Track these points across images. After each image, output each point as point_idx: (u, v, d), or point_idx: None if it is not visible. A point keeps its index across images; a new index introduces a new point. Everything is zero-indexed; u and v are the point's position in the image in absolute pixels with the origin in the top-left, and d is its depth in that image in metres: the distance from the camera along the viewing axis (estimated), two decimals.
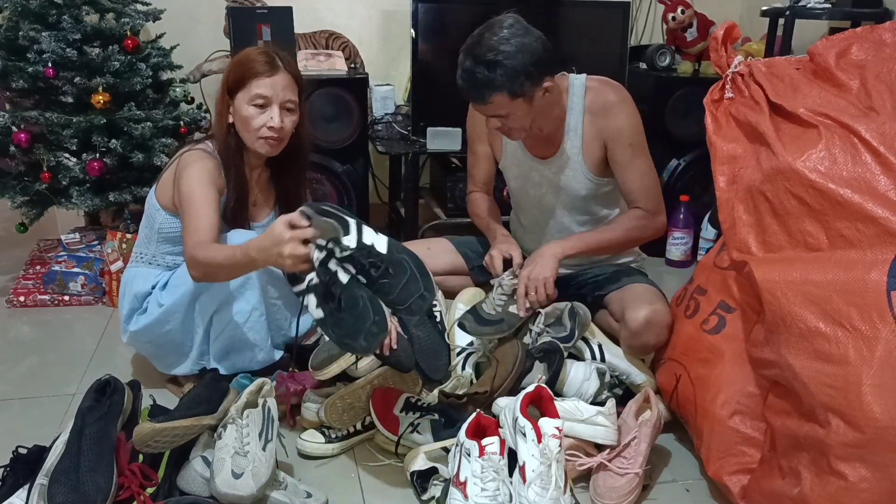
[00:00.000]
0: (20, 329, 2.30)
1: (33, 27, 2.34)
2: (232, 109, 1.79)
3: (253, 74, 1.74)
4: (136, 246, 1.91)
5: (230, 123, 1.79)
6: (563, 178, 1.94)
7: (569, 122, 1.88)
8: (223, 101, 1.80)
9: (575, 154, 1.90)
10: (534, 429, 1.44)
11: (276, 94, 1.76)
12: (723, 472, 1.51)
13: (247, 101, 1.75)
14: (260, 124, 1.76)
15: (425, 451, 1.57)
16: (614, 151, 1.87)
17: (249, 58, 1.77)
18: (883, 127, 1.37)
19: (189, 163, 1.76)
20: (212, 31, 2.93)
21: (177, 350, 1.84)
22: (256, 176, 1.90)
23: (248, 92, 1.75)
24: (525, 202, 2.07)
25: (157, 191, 1.85)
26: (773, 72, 1.57)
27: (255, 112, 1.75)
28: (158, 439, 1.47)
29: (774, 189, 1.44)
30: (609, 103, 1.85)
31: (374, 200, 3.11)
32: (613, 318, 1.95)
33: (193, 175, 1.74)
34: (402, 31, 3.03)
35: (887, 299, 1.25)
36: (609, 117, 1.85)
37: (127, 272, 1.91)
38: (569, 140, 1.90)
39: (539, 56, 1.70)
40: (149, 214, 1.87)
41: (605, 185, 1.96)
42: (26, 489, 1.43)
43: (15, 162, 2.44)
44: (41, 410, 1.84)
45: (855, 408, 1.23)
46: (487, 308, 1.87)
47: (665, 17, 3.01)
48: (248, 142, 1.80)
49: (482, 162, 2.09)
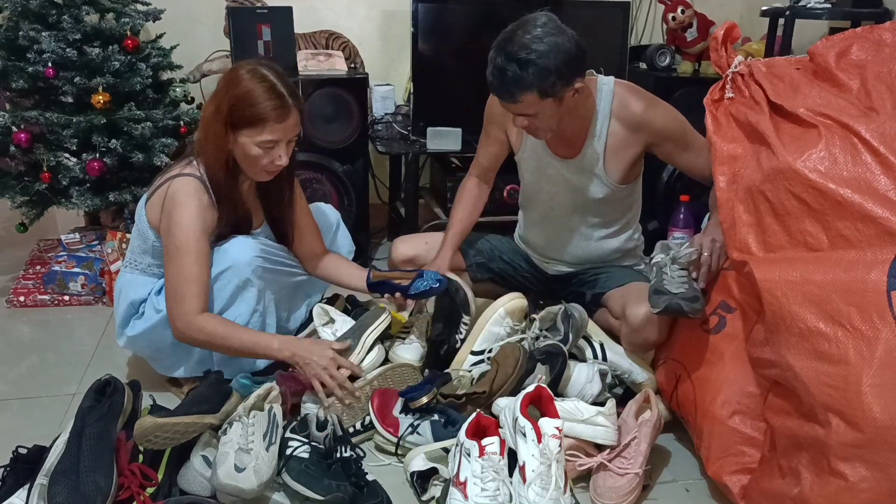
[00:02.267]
0: (20, 329, 2.30)
1: (33, 27, 2.34)
2: (232, 140, 1.70)
3: (265, 119, 1.66)
4: (130, 253, 1.88)
5: (229, 150, 1.72)
6: (581, 180, 1.93)
7: (594, 126, 1.87)
8: (221, 132, 1.69)
9: (596, 158, 1.89)
10: (534, 429, 1.45)
11: (286, 135, 1.71)
12: (723, 471, 1.51)
13: (255, 142, 1.68)
14: (267, 162, 1.72)
15: (425, 452, 1.57)
16: (668, 146, 1.88)
17: (259, 99, 1.65)
18: (883, 127, 1.37)
19: (180, 201, 1.70)
20: (212, 31, 2.94)
21: (176, 353, 1.84)
22: (246, 188, 1.86)
23: (257, 134, 1.67)
24: (537, 197, 2.06)
25: (147, 212, 1.78)
26: (773, 72, 1.57)
27: (262, 153, 1.70)
28: (159, 434, 1.47)
29: (774, 189, 1.44)
30: (640, 110, 1.85)
31: (374, 200, 3.11)
32: (613, 316, 1.95)
33: (184, 223, 1.69)
34: (402, 31, 3.03)
35: (887, 299, 1.25)
36: (645, 123, 1.85)
37: (121, 277, 1.88)
38: (592, 143, 1.88)
39: (571, 56, 1.68)
40: (141, 231, 1.81)
41: (621, 191, 1.96)
42: (26, 489, 1.43)
43: (15, 162, 2.44)
44: (41, 410, 1.84)
45: (855, 408, 1.23)
46: (673, 287, 1.66)
47: (665, 17, 3.01)
48: (248, 172, 1.76)
49: (492, 146, 2.07)
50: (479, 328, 1.90)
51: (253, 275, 1.77)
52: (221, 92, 1.70)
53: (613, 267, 2.06)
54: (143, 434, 1.46)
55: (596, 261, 2.07)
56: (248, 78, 1.68)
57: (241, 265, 1.76)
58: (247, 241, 1.79)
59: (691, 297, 1.62)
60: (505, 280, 2.16)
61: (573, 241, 2.05)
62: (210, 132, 1.71)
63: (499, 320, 1.89)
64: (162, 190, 1.75)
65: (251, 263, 1.76)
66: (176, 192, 1.71)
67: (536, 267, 2.16)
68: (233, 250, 1.77)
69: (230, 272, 1.75)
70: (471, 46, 2.87)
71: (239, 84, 1.67)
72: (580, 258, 2.07)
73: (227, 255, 1.76)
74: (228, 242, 1.78)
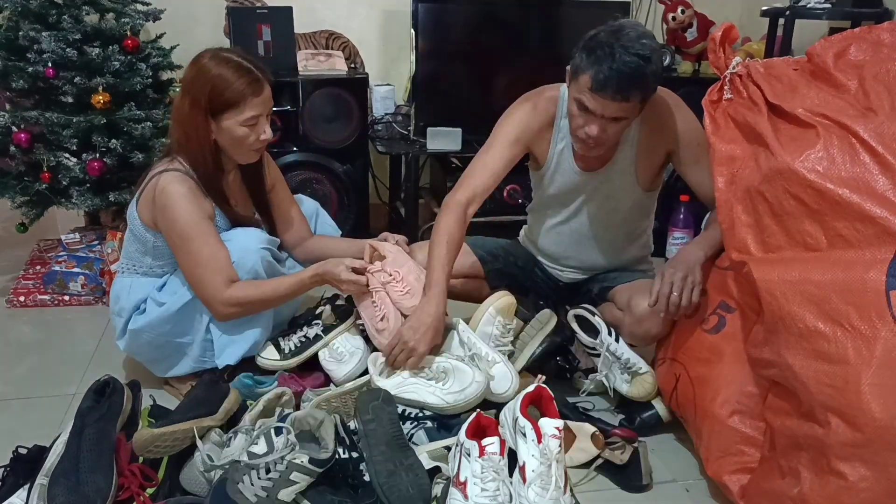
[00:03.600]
0: (20, 329, 2.30)
1: (33, 27, 2.34)
2: (215, 129, 1.73)
3: (243, 96, 1.70)
4: (126, 257, 1.87)
5: (213, 141, 1.75)
6: (610, 188, 1.92)
7: (626, 132, 1.83)
8: (203, 123, 1.71)
9: (628, 164, 1.88)
10: (534, 429, 1.45)
11: (266, 108, 1.75)
12: (722, 471, 1.51)
13: (240, 122, 1.72)
14: (253, 139, 1.75)
15: (428, 451, 1.57)
16: (682, 154, 1.85)
17: (231, 80, 1.69)
18: (881, 127, 1.37)
19: (171, 193, 1.71)
20: (212, 31, 2.93)
21: (176, 349, 1.84)
22: (231, 180, 1.87)
23: (240, 114, 1.71)
24: (559, 207, 2.01)
25: (139, 214, 1.79)
26: (771, 72, 1.57)
27: (247, 131, 1.73)
28: (159, 444, 1.47)
29: (773, 189, 1.44)
30: (665, 112, 1.83)
31: (374, 200, 3.11)
32: (618, 307, 1.94)
33: (181, 211, 1.71)
34: (402, 31, 3.03)
35: (886, 299, 1.25)
36: (668, 125, 1.83)
37: (119, 281, 1.87)
38: (623, 150, 1.87)
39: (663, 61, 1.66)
40: (138, 234, 1.81)
41: (647, 198, 1.96)
42: (26, 489, 1.43)
43: (15, 162, 2.44)
44: (41, 410, 1.84)
45: (854, 407, 1.23)
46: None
47: (665, 17, 3.01)
48: (236, 156, 1.79)
49: (498, 166, 1.86)
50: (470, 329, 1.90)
51: (260, 264, 1.78)
52: (190, 85, 1.72)
53: (627, 271, 2.06)
54: (143, 446, 1.46)
55: (610, 267, 2.07)
56: (213, 65, 1.70)
57: (251, 252, 1.78)
58: (249, 231, 1.81)
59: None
60: (520, 286, 2.13)
61: (592, 250, 2.04)
62: (190, 127, 1.73)
63: (490, 319, 1.88)
64: (150, 187, 1.75)
65: (259, 253, 1.78)
66: (166, 187, 1.72)
67: (549, 274, 2.16)
68: (239, 242, 1.78)
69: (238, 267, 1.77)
70: (471, 46, 2.88)
71: (207, 72, 1.70)
72: (597, 265, 2.07)
73: (234, 246, 1.77)
74: (231, 234, 1.79)
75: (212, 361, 1.84)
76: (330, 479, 1.44)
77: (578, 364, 1.94)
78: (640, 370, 1.80)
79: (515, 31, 2.87)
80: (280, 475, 1.35)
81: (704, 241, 1.75)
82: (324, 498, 1.41)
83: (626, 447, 1.60)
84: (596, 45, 1.64)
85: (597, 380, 1.85)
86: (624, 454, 1.59)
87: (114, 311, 1.88)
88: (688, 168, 1.87)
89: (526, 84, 1.97)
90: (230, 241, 1.78)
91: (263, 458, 1.37)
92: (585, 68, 1.65)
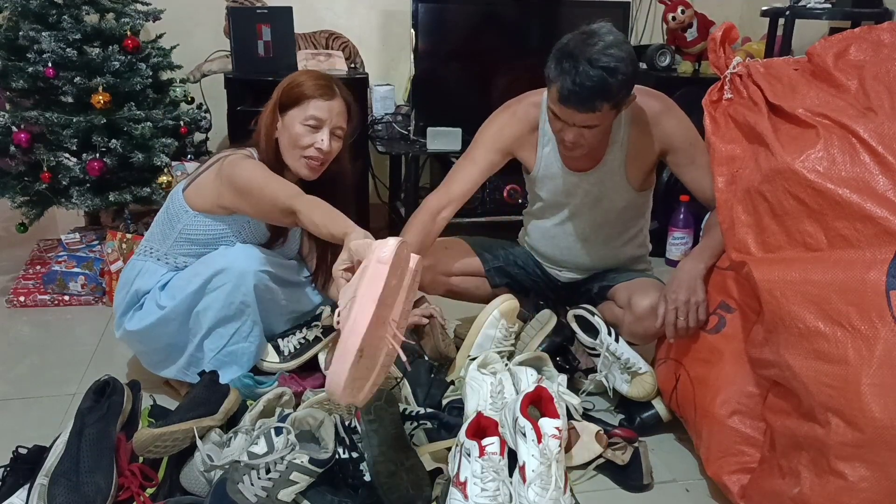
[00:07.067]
0: (20, 329, 2.30)
1: (33, 27, 2.34)
2: (280, 125, 1.77)
3: (311, 95, 1.74)
4: (147, 240, 1.87)
5: (276, 139, 1.78)
6: (602, 189, 1.92)
7: (615, 134, 1.85)
8: (271, 119, 1.78)
9: (618, 166, 1.89)
10: (534, 429, 1.45)
11: (331, 119, 1.76)
12: (722, 471, 1.51)
13: (300, 119, 1.74)
14: (307, 143, 1.75)
15: (430, 452, 1.57)
16: (676, 156, 1.86)
17: (305, 81, 1.76)
18: (881, 127, 1.37)
19: (237, 162, 1.72)
20: (212, 31, 2.94)
21: (167, 352, 1.83)
22: None
23: (302, 111, 1.74)
24: (553, 209, 2.02)
25: (187, 192, 1.80)
26: (771, 72, 1.57)
27: (305, 131, 1.74)
28: (159, 444, 1.47)
29: (773, 189, 1.44)
30: (656, 115, 1.83)
31: (374, 200, 3.11)
32: (618, 305, 1.94)
33: (248, 167, 1.71)
34: (402, 31, 3.03)
35: (886, 299, 1.25)
36: (660, 127, 1.84)
37: (132, 264, 1.87)
38: (614, 151, 1.87)
39: (637, 65, 1.66)
40: (172, 213, 1.82)
41: (640, 197, 1.97)
42: (26, 489, 1.43)
43: (15, 162, 2.44)
44: (41, 410, 1.84)
45: (854, 407, 1.23)
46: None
47: (665, 17, 3.01)
48: (289, 160, 1.78)
49: (475, 173, 1.92)
50: (474, 332, 1.91)
51: (252, 293, 1.75)
52: (281, 84, 1.81)
53: (626, 271, 2.06)
54: (143, 446, 1.46)
55: (608, 267, 2.08)
56: (298, 73, 1.83)
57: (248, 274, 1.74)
58: (252, 249, 1.77)
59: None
60: (520, 285, 2.14)
61: (588, 251, 2.04)
62: (262, 123, 1.80)
63: (494, 323, 1.89)
64: (213, 168, 1.77)
65: (256, 276, 1.75)
66: (234, 160, 1.74)
67: (548, 274, 2.16)
68: (238, 261, 1.75)
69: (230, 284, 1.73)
70: (471, 46, 2.88)
71: (292, 75, 1.81)
72: (593, 266, 2.08)
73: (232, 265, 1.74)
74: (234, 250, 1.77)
75: (193, 377, 1.80)
76: (330, 479, 1.44)
77: (578, 364, 1.94)
78: (640, 370, 1.80)
79: (515, 32, 2.88)
80: (280, 475, 1.35)
81: (703, 251, 1.75)
82: (324, 498, 1.41)
83: (626, 447, 1.60)
84: (563, 56, 1.65)
85: (597, 380, 1.85)
86: (626, 454, 1.59)
87: (118, 292, 1.87)
88: (683, 169, 1.88)
89: (526, 84, 1.97)
90: (228, 257, 1.75)
91: (263, 459, 1.37)
92: (554, 79, 1.67)
